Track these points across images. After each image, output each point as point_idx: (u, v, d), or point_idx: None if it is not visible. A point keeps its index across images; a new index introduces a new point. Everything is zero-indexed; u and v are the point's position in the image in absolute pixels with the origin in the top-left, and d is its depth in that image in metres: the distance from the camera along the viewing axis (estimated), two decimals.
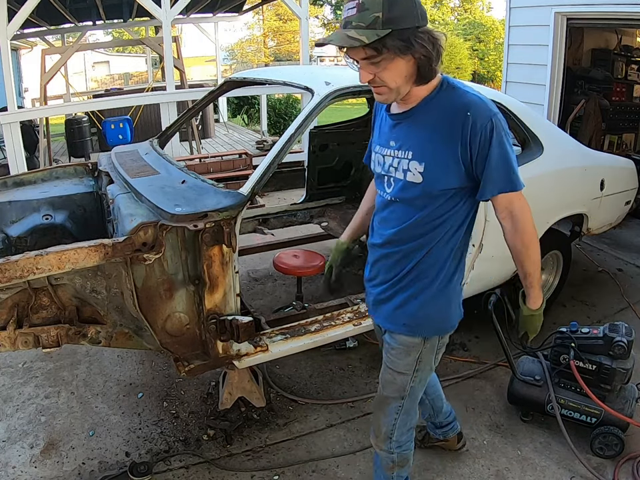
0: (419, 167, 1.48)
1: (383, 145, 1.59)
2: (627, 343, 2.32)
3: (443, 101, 1.47)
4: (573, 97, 6.06)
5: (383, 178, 1.61)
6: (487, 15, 28.16)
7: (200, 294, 2.13)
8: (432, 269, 1.59)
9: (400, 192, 1.55)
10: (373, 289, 1.74)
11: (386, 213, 1.63)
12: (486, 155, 1.43)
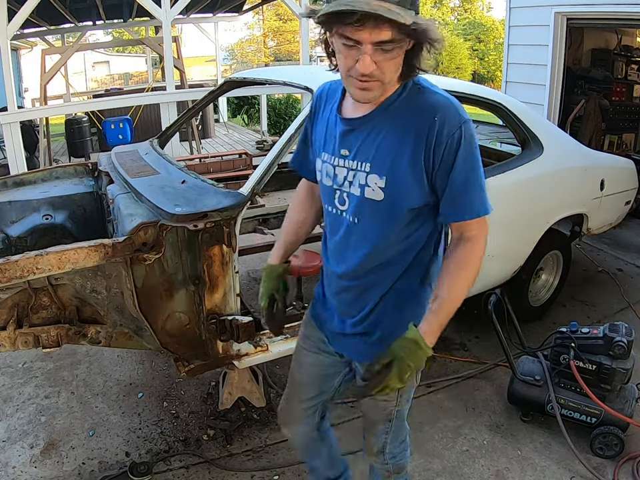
0: (380, 181, 1.24)
1: (333, 154, 1.33)
2: (627, 343, 2.32)
3: (407, 104, 1.25)
4: (573, 97, 6.06)
5: (333, 192, 1.34)
6: (487, 15, 28.18)
7: (200, 294, 2.13)
8: (404, 297, 1.36)
9: (357, 211, 1.30)
10: (330, 317, 1.48)
11: (341, 236, 1.36)
12: (449, 169, 1.21)
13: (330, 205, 1.37)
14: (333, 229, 1.40)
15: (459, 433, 2.55)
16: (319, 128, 1.41)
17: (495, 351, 2.99)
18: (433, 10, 28.34)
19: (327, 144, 1.36)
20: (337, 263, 1.41)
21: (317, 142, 1.41)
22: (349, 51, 1.14)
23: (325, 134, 1.37)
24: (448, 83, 3.35)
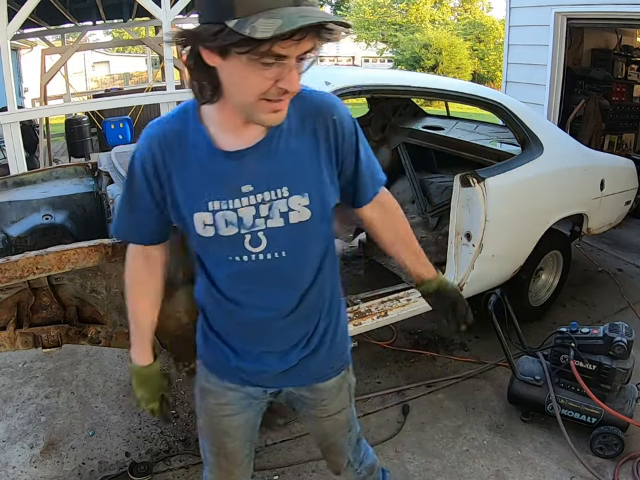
0: (303, 200, 1.16)
1: (229, 197, 1.13)
2: (627, 343, 2.32)
3: (299, 112, 1.14)
4: (573, 96, 6.06)
5: (241, 238, 1.15)
6: (487, 15, 28.14)
7: None
8: (335, 299, 1.36)
9: (283, 243, 1.18)
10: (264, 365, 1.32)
11: (260, 279, 1.22)
12: (356, 157, 1.24)
13: (235, 254, 1.17)
14: (241, 279, 1.21)
15: (458, 433, 2.55)
16: (183, 180, 1.14)
17: (495, 350, 2.99)
18: (433, 10, 28.34)
19: (212, 191, 1.13)
20: (261, 309, 1.25)
21: (186, 197, 1.14)
22: (268, 70, 0.96)
23: (201, 182, 1.13)
24: (448, 83, 3.35)
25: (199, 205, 1.13)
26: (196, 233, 1.16)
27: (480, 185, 2.72)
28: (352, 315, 2.60)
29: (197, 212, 1.14)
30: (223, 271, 1.22)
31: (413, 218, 3.88)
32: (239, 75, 0.98)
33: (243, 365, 1.32)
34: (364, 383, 2.92)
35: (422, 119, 4.51)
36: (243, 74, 0.97)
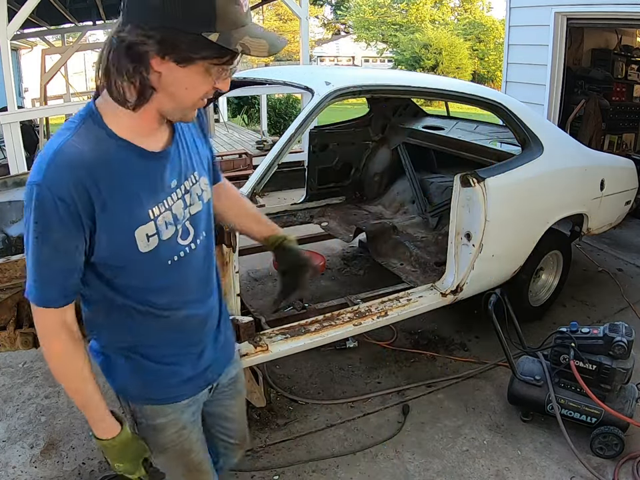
0: (206, 179, 1.25)
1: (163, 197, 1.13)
2: (627, 343, 2.32)
3: None
4: (573, 96, 6.06)
5: (173, 238, 1.16)
6: (487, 15, 28.17)
7: None
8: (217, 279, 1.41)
9: (205, 224, 1.24)
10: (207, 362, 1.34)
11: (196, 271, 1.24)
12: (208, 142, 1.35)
13: (172, 255, 1.17)
14: (177, 278, 1.19)
15: (459, 433, 2.55)
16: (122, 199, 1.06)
17: (495, 350, 2.99)
18: (433, 10, 28.36)
19: (151, 198, 1.10)
20: (194, 302, 1.26)
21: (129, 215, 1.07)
22: (211, 76, 1.02)
23: (140, 193, 1.09)
24: (448, 83, 3.36)
25: (141, 217, 1.09)
26: (137, 253, 1.09)
27: (480, 185, 2.72)
28: (352, 315, 2.61)
29: (139, 226, 1.08)
30: (159, 280, 1.17)
31: (412, 218, 3.89)
32: (195, 80, 1.00)
33: (194, 370, 1.31)
34: (364, 382, 2.92)
35: (422, 118, 4.51)
36: (198, 79, 1.00)
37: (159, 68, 0.97)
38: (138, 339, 1.23)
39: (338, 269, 4.22)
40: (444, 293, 2.87)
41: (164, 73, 0.98)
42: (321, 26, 33.84)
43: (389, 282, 3.11)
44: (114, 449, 1.22)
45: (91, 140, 1.02)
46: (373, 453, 2.44)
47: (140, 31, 0.93)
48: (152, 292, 1.18)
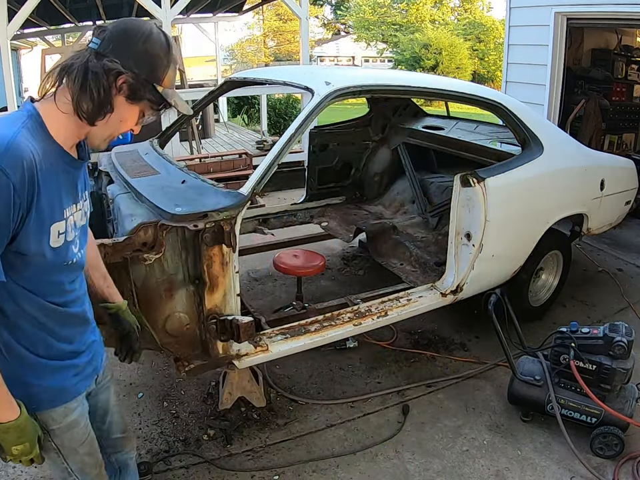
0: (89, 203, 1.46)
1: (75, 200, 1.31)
2: (627, 343, 2.32)
3: None
4: (573, 96, 6.06)
5: (72, 241, 1.29)
6: (487, 15, 28.16)
7: (200, 294, 2.13)
8: None
9: (85, 235, 1.42)
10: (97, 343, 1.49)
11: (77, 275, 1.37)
12: None
13: (68, 258, 1.28)
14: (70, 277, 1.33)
15: (459, 433, 2.55)
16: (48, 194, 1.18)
17: (495, 350, 2.99)
18: (433, 10, 28.34)
19: (67, 199, 1.26)
20: (81, 298, 1.40)
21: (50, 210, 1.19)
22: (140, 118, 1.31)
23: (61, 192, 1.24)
24: (448, 83, 3.36)
25: (58, 214, 1.23)
26: (48, 246, 1.20)
27: (480, 185, 2.72)
28: (352, 315, 2.61)
29: (55, 222, 1.21)
30: (57, 277, 1.28)
31: (412, 218, 3.89)
32: (132, 115, 1.29)
33: (87, 361, 1.42)
34: (364, 382, 2.92)
35: (422, 118, 4.51)
36: (133, 116, 1.29)
37: (117, 99, 1.24)
38: (38, 336, 1.28)
39: (338, 269, 4.22)
40: (444, 293, 2.87)
41: (117, 104, 1.24)
42: (320, 26, 33.83)
43: (388, 282, 3.11)
44: (17, 429, 1.23)
45: (36, 138, 1.16)
46: (373, 452, 2.44)
47: (120, 67, 1.20)
48: (47, 292, 1.27)
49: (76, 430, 1.39)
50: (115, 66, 1.18)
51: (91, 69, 1.17)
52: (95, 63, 1.18)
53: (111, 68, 1.18)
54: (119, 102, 1.24)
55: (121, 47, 1.21)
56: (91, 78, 1.17)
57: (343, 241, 3.93)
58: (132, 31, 1.24)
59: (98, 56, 1.19)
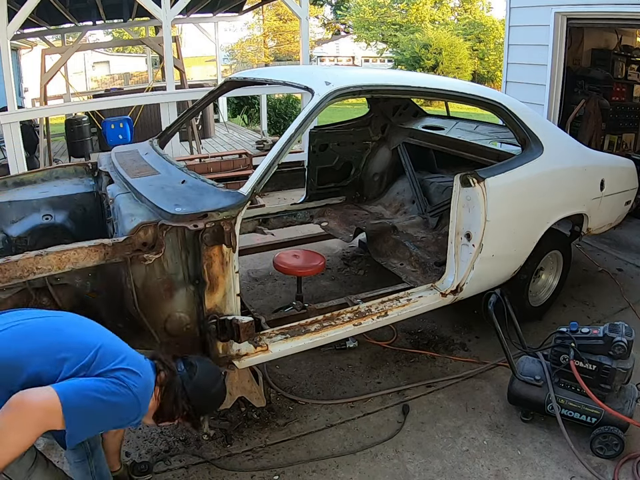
0: None
1: None
2: (627, 343, 2.32)
3: None
4: (573, 96, 6.06)
5: None
6: (487, 15, 28.14)
7: (200, 294, 2.13)
8: None
9: None
10: None
11: None
12: None
13: None
14: None
15: (459, 433, 2.55)
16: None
17: (495, 350, 2.99)
18: (433, 10, 28.33)
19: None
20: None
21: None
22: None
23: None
24: (448, 83, 3.36)
25: None
26: None
27: (480, 185, 2.72)
28: (352, 315, 2.60)
29: None
30: None
31: (412, 218, 3.88)
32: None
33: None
34: (364, 382, 2.92)
35: (422, 118, 4.51)
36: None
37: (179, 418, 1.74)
38: None
39: (338, 269, 4.22)
40: (444, 293, 2.87)
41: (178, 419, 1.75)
42: (321, 26, 33.81)
43: (388, 282, 3.11)
44: None
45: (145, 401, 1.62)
46: (373, 452, 2.44)
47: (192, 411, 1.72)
48: None
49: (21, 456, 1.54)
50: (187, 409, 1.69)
51: (177, 403, 1.66)
52: (180, 398, 1.66)
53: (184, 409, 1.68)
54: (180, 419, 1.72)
55: (201, 398, 1.72)
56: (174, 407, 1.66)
57: (342, 240, 3.93)
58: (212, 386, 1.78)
59: (184, 391, 1.67)
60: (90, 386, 1.45)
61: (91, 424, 1.50)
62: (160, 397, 1.65)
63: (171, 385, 1.66)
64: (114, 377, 1.50)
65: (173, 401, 1.66)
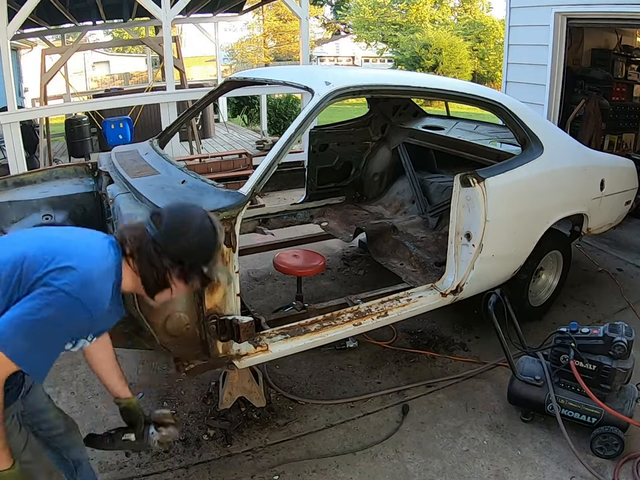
0: None
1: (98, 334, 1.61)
2: (627, 343, 2.32)
3: None
4: (573, 96, 6.06)
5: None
6: (487, 15, 28.12)
7: (200, 294, 2.13)
8: None
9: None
10: None
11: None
12: None
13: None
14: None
15: (459, 433, 2.55)
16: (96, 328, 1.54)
17: (495, 351, 2.99)
18: (433, 10, 28.32)
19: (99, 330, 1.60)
20: None
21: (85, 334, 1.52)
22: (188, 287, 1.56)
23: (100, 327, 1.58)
24: (448, 83, 3.36)
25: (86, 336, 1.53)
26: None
27: (480, 185, 2.72)
28: (352, 315, 2.60)
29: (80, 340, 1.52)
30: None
31: (412, 218, 3.89)
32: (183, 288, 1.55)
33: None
34: (364, 382, 2.92)
35: (422, 118, 4.51)
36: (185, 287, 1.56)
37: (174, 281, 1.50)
38: None
39: (338, 269, 4.22)
40: (444, 293, 2.87)
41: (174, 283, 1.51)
42: (321, 26, 33.80)
43: (388, 282, 3.11)
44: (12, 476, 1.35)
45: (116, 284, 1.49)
46: (373, 452, 2.44)
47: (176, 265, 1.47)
48: None
49: (11, 439, 1.42)
50: (170, 264, 1.45)
51: (154, 264, 1.45)
52: (155, 255, 1.44)
53: (166, 266, 1.45)
54: (175, 281, 1.50)
55: (175, 243, 1.46)
56: (153, 270, 1.45)
57: (342, 240, 3.93)
58: (185, 226, 1.47)
59: (156, 246, 1.44)
60: (19, 313, 1.29)
61: (43, 350, 1.34)
62: (136, 267, 1.47)
63: (140, 248, 1.45)
64: (42, 286, 1.31)
65: (149, 262, 1.45)
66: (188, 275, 1.50)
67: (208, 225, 1.51)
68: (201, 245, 1.49)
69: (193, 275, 1.51)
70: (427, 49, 22.90)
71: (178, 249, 1.45)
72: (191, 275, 1.50)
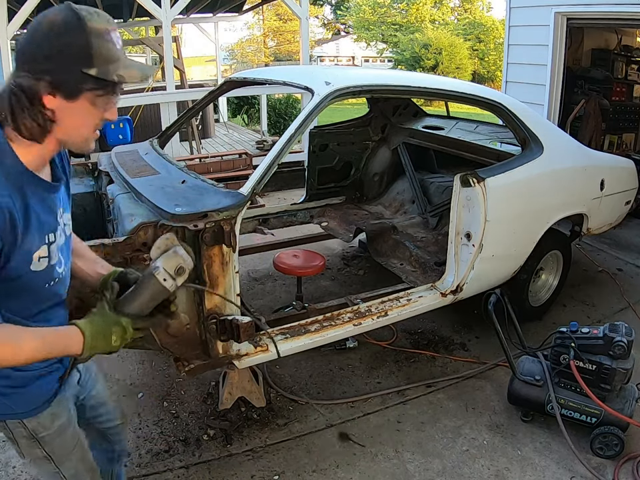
0: (69, 215, 1.34)
1: (56, 225, 1.23)
2: (627, 343, 2.32)
3: None
4: (573, 96, 6.06)
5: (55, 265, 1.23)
6: (487, 15, 28.15)
7: (200, 294, 2.13)
8: None
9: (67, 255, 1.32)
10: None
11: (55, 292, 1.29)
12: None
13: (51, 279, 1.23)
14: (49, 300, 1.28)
15: (459, 433, 2.55)
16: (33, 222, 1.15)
17: (495, 351, 2.99)
18: (433, 10, 28.34)
19: (49, 224, 1.20)
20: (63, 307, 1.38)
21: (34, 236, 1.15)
22: (97, 108, 1.15)
23: (45, 218, 1.18)
24: (448, 83, 3.36)
25: (41, 240, 1.16)
26: (29, 270, 1.15)
27: (480, 185, 2.72)
28: (352, 315, 2.60)
29: (39, 246, 1.16)
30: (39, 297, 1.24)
31: (412, 218, 3.89)
32: (85, 112, 1.14)
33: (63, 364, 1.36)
34: (364, 382, 2.92)
35: (422, 118, 4.51)
36: (86, 112, 1.14)
37: (51, 105, 1.09)
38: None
39: (338, 269, 4.22)
40: (444, 292, 2.87)
41: (57, 109, 1.10)
42: (321, 26, 33.83)
43: (388, 282, 3.11)
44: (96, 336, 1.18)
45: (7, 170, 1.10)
46: (373, 452, 2.44)
47: (31, 76, 1.07)
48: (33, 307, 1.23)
49: (65, 435, 1.38)
50: (29, 82, 1.07)
51: (14, 93, 1.08)
52: (13, 82, 1.08)
53: (26, 86, 1.07)
54: (61, 107, 1.10)
55: (32, 56, 1.08)
56: (15, 102, 1.08)
57: (342, 240, 3.93)
58: (35, 34, 1.09)
59: (15, 73, 1.10)
60: None
61: None
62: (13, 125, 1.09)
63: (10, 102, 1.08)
64: None
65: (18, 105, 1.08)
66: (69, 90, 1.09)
67: (60, 18, 1.08)
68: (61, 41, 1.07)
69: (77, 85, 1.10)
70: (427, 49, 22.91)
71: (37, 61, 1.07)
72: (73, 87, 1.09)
